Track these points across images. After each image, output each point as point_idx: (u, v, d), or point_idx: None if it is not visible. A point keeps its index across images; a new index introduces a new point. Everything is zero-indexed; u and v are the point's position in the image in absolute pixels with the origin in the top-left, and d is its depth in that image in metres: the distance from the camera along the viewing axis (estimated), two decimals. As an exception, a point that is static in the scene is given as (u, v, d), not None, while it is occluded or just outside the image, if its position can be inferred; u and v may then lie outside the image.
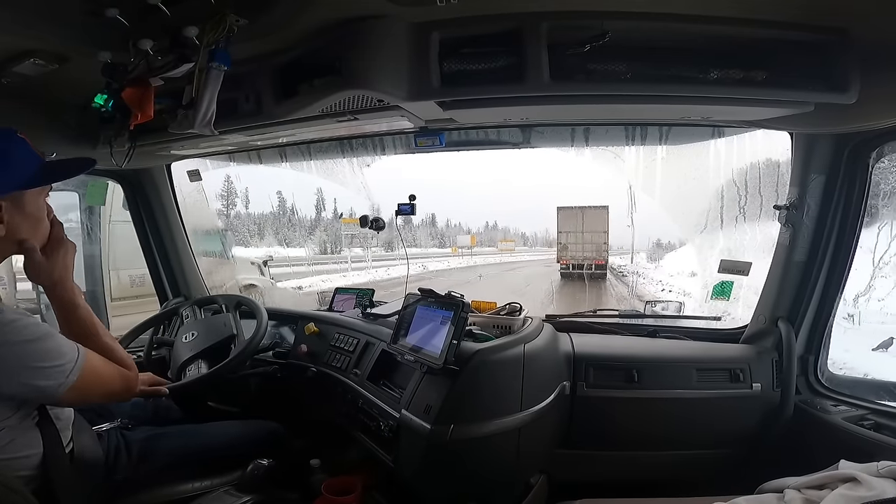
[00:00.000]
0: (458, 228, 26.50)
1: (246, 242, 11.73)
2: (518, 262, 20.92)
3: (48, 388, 1.09)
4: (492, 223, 29.00)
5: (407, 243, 17.41)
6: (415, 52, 1.24)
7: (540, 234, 25.55)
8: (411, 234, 22.85)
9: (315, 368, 1.94)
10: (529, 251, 25.11)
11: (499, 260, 21.20)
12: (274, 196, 13.62)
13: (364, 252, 16.42)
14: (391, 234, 16.56)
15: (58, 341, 1.12)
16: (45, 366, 1.08)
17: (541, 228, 24.86)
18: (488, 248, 24.90)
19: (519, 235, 27.33)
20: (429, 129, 1.82)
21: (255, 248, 11.96)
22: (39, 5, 1.10)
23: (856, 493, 0.99)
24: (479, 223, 28.45)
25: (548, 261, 17.82)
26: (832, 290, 1.68)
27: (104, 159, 1.66)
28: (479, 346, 1.52)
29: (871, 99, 1.20)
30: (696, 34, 1.19)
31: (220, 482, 1.55)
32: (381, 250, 16.59)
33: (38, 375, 1.07)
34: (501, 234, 27.75)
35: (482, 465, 1.51)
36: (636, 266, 15.17)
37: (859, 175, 1.58)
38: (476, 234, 26.01)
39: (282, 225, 15.14)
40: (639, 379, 1.74)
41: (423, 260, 17.82)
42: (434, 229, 25.12)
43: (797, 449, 1.64)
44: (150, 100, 1.26)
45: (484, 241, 25.81)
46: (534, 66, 1.20)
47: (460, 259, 19.56)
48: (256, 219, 14.55)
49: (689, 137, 1.92)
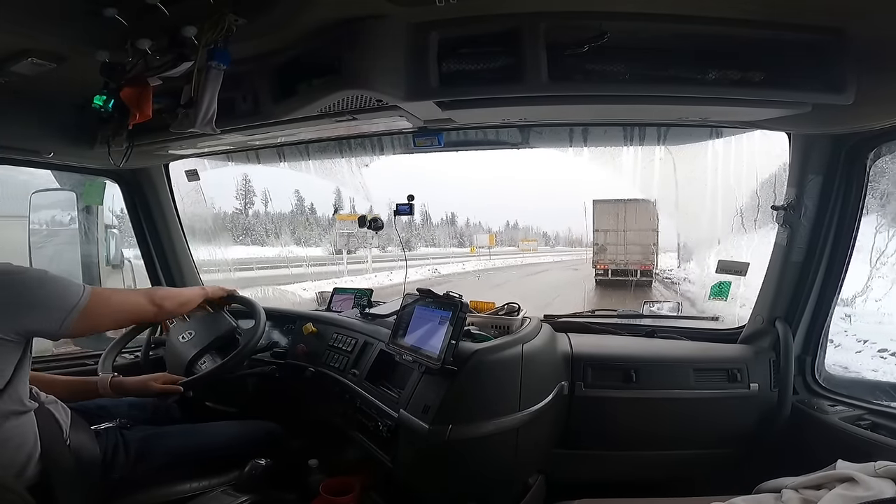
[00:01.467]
0: (477, 227, 25.77)
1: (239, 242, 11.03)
2: (540, 263, 19.34)
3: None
4: (512, 222, 28.25)
5: (426, 242, 17.07)
6: (413, 52, 1.24)
7: (562, 233, 24.86)
8: (430, 232, 22.24)
9: (313, 368, 1.93)
10: (551, 251, 23.90)
11: (520, 261, 19.51)
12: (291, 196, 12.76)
13: (381, 252, 14.58)
14: (408, 233, 15.67)
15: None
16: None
17: (563, 227, 24.13)
18: (509, 247, 23.82)
19: (540, 234, 26.46)
20: (427, 129, 1.82)
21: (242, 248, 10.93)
22: (37, 4, 1.10)
23: (853, 493, 0.99)
24: (500, 222, 27.63)
25: (573, 262, 16.18)
26: (829, 291, 1.69)
27: (102, 159, 1.66)
28: (477, 346, 1.52)
29: (868, 100, 1.21)
30: (694, 35, 1.19)
31: (217, 482, 1.55)
32: (380, 251, 14.96)
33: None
34: (522, 233, 26.83)
35: (480, 465, 1.51)
36: (683, 270, 11.46)
37: (856, 175, 1.58)
38: (496, 233, 24.76)
39: (298, 224, 14.33)
40: (637, 379, 1.74)
41: (437, 261, 16.33)
42: (453, 228, 24.62)
43: (794, 449, 1.65)
44: (149, 99, 1.26)
45: (504, 241, 24.78)
46: (532, 66, 1.20)
47: (478, 261, 17.86)
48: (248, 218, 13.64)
49: (688, 138, 1.93)
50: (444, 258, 18.34)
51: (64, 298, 1.27)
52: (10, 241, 2.47)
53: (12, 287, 1.22)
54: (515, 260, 19.73)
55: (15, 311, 1.21)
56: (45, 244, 2.52)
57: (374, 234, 2.11)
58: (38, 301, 1.24)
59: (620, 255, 12.28)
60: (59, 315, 1.26)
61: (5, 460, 1.19)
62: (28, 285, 1.24)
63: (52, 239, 2.55)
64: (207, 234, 2.88)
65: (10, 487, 1.12)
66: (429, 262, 16.32)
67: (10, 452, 1.21)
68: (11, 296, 1.21)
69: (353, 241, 13.98)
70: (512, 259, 19.82)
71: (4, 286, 1.21)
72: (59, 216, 2.59)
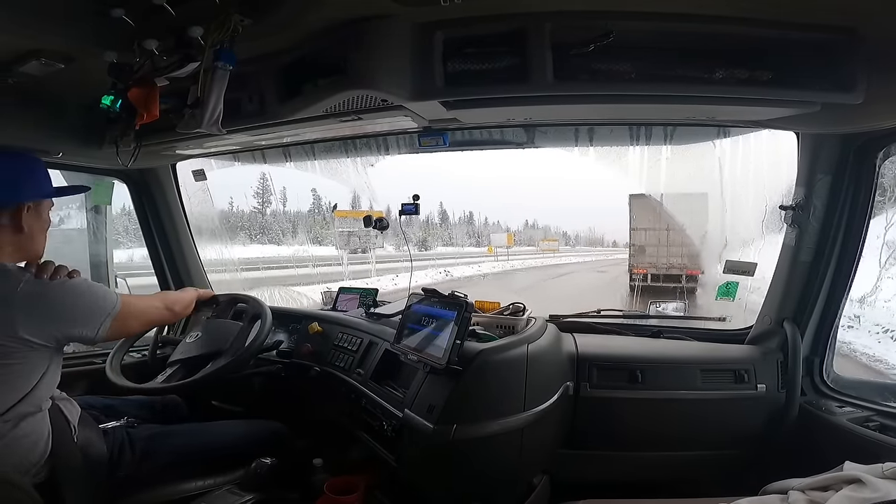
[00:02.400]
0: (496, 227, 24.94)
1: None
2: (563, 264, 17.73)
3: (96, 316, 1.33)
4: (531, 221, 27.26)
5: (443, 242, 16.17)
6: (419, 52, 1.24)
7: (582, 233, 23.97)
8: (448, 231, 21.74)
9: (318, 368, 1.94)
10: (572, 251, 22.40)
11: (540, 262, 17.92)
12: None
13: (395, 251, 12.98)
14: (425, 232, 14.95)
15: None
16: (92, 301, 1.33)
17: (583, 226, 23.21)
18: (528, 247, 22.31)
19: (560, 234, 25.29)
20: (432, 128, 1.82)
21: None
22: (45, 5, 1.10)
23: (860, 495, 0.98)
24: (519, 221, 26.53)
25: (598, 264, 15.08)
26: (838, 291, 1.67)
27: (110, 159, 1.67)
28: (482, 346, 1.52)
29: (878, 99, 1.19)
30: (701, 34, 1.18)
31: (222, 481, 1.56)
32: (394, 249, 13.32)
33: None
34: (541, 232, 25.72)
35: (485, 464, 1.51)
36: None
37: (866, 175, 1.57)
38: (514, 232, 23.09)
39: (315, 223, 13.65)
40: (642, 379, 1.73)
41: (449, 262, 14.73)
42: (471, 227, 24.02)
43: (802, 450, 1.63)
44: (156, 100, 1.27)
45: (523, 241, 23.32)
46: (538, 65, 1.20)
47: (495, 262, 16.12)
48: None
49: (694, 137, 1.91)
50: (460, 258, 17.37)
51: (101, 307, 1.34)
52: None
53: (56, 296, 1.27)
54: (535, 261, 18.27)
55: (58, 319, 1.26)
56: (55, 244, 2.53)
57: (378, 233, 2.11)
58: (80, 310, 1.31)
59: (662, 258, 10.60)
60: (96, 322, 1.32)
61: (18, 458, 1.21)
62: (72, 294, 1.30)
63: (61, 238, 2.57)
64: (214, 234, 2.90)
65: (19, 485, 1.13)
66: (433, 262, 14.96)
67: (24, 451, 1.23)
68: (56, 304, 1.26)
69: (355, 240, 12.13)
70: (532, 260, 18.43)
71: (48, 296, 1.26)
72: (68, 216, 2.61)
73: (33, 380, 1.25)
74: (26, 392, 1.23)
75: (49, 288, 1.27)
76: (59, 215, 2.55)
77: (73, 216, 2.58)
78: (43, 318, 1.24)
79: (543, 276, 14.00)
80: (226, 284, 2.98)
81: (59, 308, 1.27)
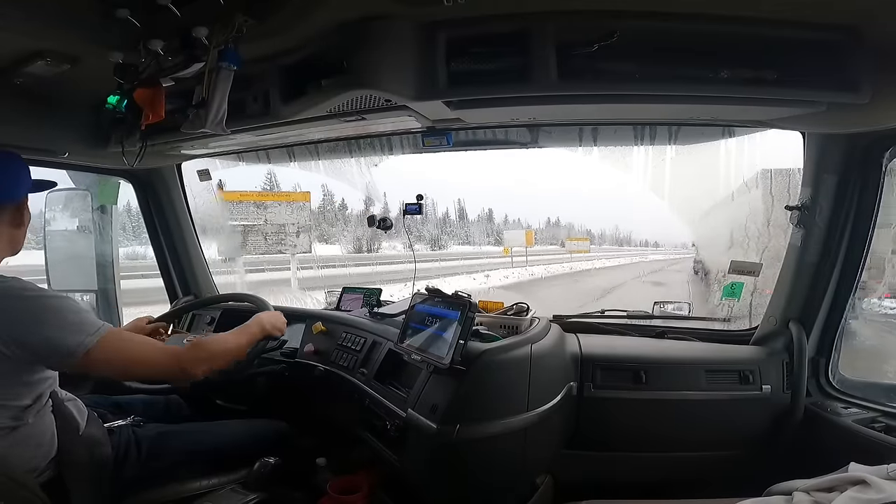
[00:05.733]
0: (516, 224, 22.87)
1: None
2: (598, 269, 13.25)
3: (69, 342, 1.17)
4: (554, 219, 24.81)
5: (460, 240, 14.99)
6: (422, 52, 1.24)
7: (608, 232, 22.35)
8: (465, 229, 20.88)
9: (322, 368, 1.94)
10: (599, 250, 18.24)
11: (568, 267, 12.86)
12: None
13: (404, 250, 11.55)
14: (438, 231, 13.85)
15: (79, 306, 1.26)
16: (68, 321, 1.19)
17: (609, 225, 21.76)
18: (550, 245, 18.02)
19: (585, 232, 22.79)
20: (436, 128, 1.82)
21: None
22: (51, 6, 1.11)
23: (865, 496, 0.98)
24: (540, 218, 24.01)
25: (644, 269, 12.32)
26: (844, 292, 1.66)
27: (116, 159, 1.68)
28: (485, 346, 1.52)
29: (885, 99, 1.19)
30: (705, 33, 1.18)
31: (227, 480, 1.56)
32: (404, 248, 12.29)
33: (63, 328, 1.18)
34: (565, 230, 22.76)
35: (488, 465, 1.51)
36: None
37: (872, 175, 1.56)
38: (536, 230, 18.32)
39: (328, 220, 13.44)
40: (646, 380, 1.73)
41: (451, 264, 11.79)
42: (490, 225, 22.72)
43: (807, 451, 1.63)
44: (162, 100, 1.27)
45: (544, 240, 19.66)
46: (541, 65, 1.20)
47: (510, 268, 11.41)
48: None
49: (699, 137, 1.90)
50: (475, 257, 15.02)
51: (74, 333, 1.18)
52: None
53: (25, 305, 1.17)
54: (561, 265, 13.31)
55: (18, 328, 1.14)
56: (60, 243, 2.55)
57: (383, 233, 2.11)
58: (48, 329, 1.16)
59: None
60: (61, 350, 1.16)
61: (24, 458, 1.21)
62: (44, 308, 1.18)
63: (67, 238, 2.58)
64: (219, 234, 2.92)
65: (25, 484, 1.14)
66: (451, 270, 12.38)
67: (30, 451, 1.23)
68: (21, 313, 1.15)
69: (258, 239, 11.97)
70: (556, 264, 13.36)
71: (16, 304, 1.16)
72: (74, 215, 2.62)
73: (38, 391, 1.24)
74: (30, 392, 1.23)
75: (19, 295, 1.16)
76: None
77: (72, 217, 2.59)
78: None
79: (580, 291, 9.46)
80: (230, 286, 3.00)
81: (23, 318, 1.15)
